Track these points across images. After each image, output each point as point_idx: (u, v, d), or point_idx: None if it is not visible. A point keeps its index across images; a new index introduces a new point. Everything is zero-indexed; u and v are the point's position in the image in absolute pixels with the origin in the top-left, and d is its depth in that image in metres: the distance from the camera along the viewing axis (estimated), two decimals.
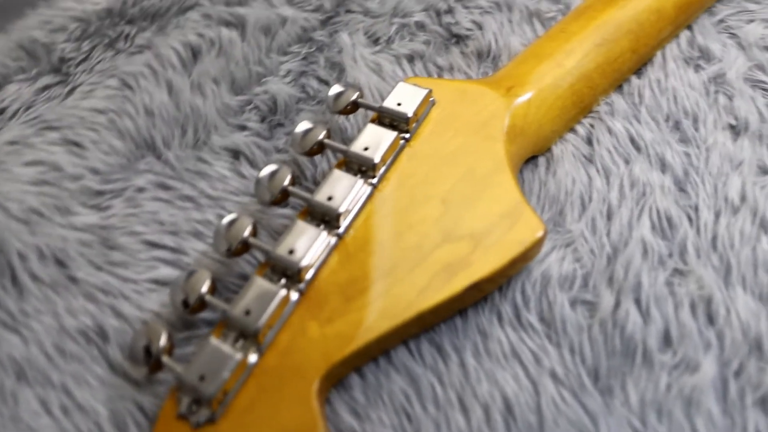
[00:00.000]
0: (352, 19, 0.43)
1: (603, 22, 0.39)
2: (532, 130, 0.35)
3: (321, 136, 0.34)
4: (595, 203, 0.35)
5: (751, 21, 0.42)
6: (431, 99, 0.35)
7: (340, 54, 0.41)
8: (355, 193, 0.32)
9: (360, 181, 0.32)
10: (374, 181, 0.33)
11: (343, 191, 0.32)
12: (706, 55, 0.41)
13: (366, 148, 0.33)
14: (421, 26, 0.42)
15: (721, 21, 0.43)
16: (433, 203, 0.32)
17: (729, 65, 0.40)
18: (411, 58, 0.41)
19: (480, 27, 0.42)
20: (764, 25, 0.42)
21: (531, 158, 0.37)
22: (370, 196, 0.32)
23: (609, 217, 0.34)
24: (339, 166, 0.34)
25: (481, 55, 0.41)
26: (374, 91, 0.40)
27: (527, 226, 0.31)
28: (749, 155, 0.36)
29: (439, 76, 0.40)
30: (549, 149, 0.37)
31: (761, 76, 0.40)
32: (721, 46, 0.41)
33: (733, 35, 0.42)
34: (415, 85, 0.35)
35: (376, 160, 0.32)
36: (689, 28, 0.42)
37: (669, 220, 0.34)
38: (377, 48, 0.42)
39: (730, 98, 0.39)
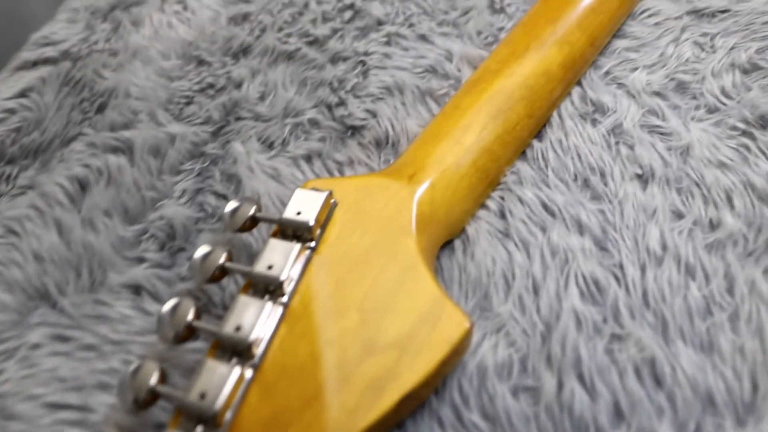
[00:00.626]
0: (244, 126, 0.42)
1: (495, 93, 0.39)
2: (441, 215, 0.34)
3: (221, 260, 0.32)
4: (519, 280, 0.33)
5: (635, 69, 0.43)
6: (332, 201, 0.34)
7: (235, 165, 0.40)
8: (266, 317, 0.29)
9: (269, 304, 0.30)
10: (284, 299, 0.30)
11: (252, 318, 0.29)
12: (600, 108, 0.41)
13: (270, 267, 0.31)
14: (314, 123, 0.41)
15: (607, 73, 0.43)
16: (350, 314, 0.30)
17: (623, 115, 0.40)
18: (309, 158, 0.40)
19: (374, 115, 0.41)
20: (647, 71, 0.43)
21: (446, 243, 0.35)
22: (282, 317, 0.30)
23: (536, 291, 0.33)
24: (245, 289, 0.31)
25: (380, 144, 0.40)
26: (275, 198, 0.38)
27: (451, 322, 0.29)
28: (661, 202, 0.36)
29: (340, 172, 0.39)
30: (463, 231, 0.35)
31: (655, 121, 0.40)
32: (612, 97, 0.41)
33: (621, 85, 0.42)
34: (313, 189, 0.34)
35: (282, 277, 0.30)
36: (579, 84, 0.43)
37: (596, 283, 0.33)
38: (273, 152, 0.40)
39: (632, 147, 0.38)
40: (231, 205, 0.34)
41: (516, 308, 0.32)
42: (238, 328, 0.29)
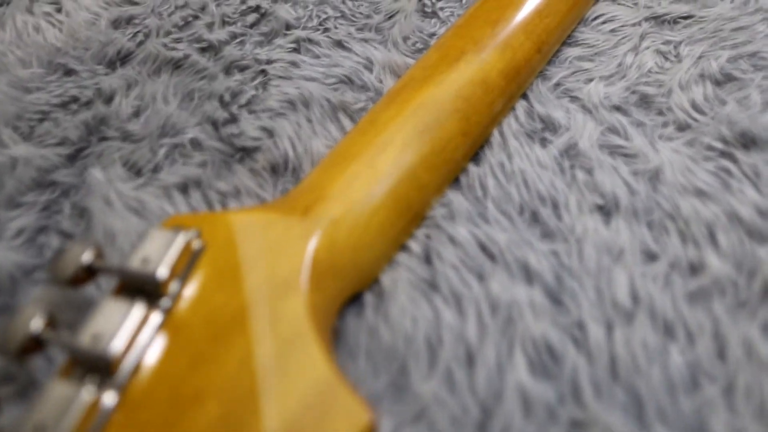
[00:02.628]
0: (108, 148, 0.33)
1: (421, 105, 0.31)
2: (345, 261, 0.26)
3: (34, 327, 0.23)
4: (448, 347, 0.25)
5: (590, 80, 0.36)
6: (198, 244, 0.25)
7: (89, 196, 0.31)
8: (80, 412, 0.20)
9: (88, 389, 0.21)
10: (116, 385, 0.21)
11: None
12: (550, 126, 0.34)
13: (96, 338, 0.22)
14: (196, 144, 0.33)
15: (558, 84, 0.36)
16: (208, 405, 0.21)
17: (578, 133, 0.33)
18: (184, 188, 0.31)
19: (271, 134, 0.33)
20: (605, 82, 0.36)
21: (354, 297, 0.27)
22: (113, 412, 0.21)
23: (470, 363, 0.24)
24: (64, 373, 0.22)
25: (276, 170, 0.32)
26: (135, 239, 0.29)
27: (345, 416, 0.20)
28: (629, 239, 0.28)
29: (223, 205, 0.30)
30: (376, 281, 0.27)
31: (617, 140, 0.33)
32: (565, 112, 0.34)
33: (574, 98, 0.35)
34: (176, 227, 0.25)
35: (112, 354, 0.21)
36: (524, 96, 0.35)
37: (550, 349, 0.25)
38: (140, 181, 0.31)
39: (590, 172, 0.31)
40: (59, 251, 0.25)
41: (443, 386, 0.24)
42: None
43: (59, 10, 0.42)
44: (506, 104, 0.34)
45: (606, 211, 0.30)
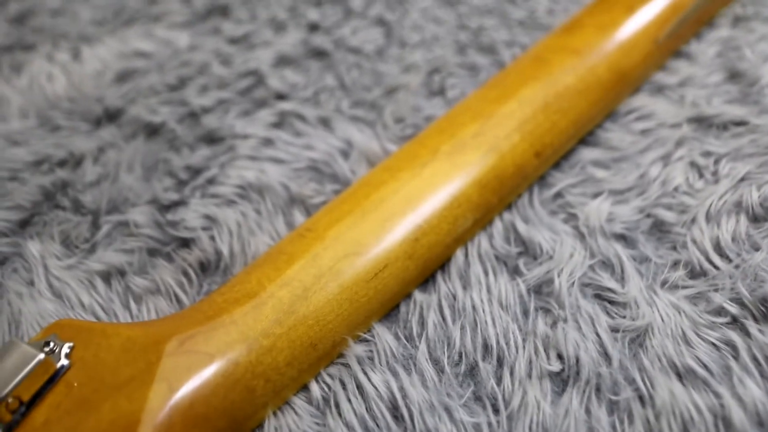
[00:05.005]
0: (55, 219, 0.32)
1: (365, 214, 0.27)
2: (222, 410, 0.22)
3: None
4: None
5: (598, 195, 0.30)
6: (60, 365, 0.22)
7: (14, 274, 0.29)
8: None
9: None
10: None
11: None
12: (530, 251, 0.28)
13: None
14: (137, 226, 0.30)
15: (558, 195, 0.31)
16: None
17: (560, 265, 0.27)
18: (107, 277, 0.29)
19: (212, 225, 0.30)
20: (615, 199, 0.30)
21: None
22: None
23: None
24: None
25: (206, 268, 0.29)
26: (40, 325, 0.27)
27: None
28: (579, 422, 0.22)
29: (137, 304, 0.28)
30: (260, 425, 0.23)
31: (607, 281, 0.27)
32: (552, 235, 0.28)
33: (571, 216, 0.30)
34: (44, 341, 0.23)
35: None
36: (509, 208, 0.30)
37: None
38: (71, 261, 0.30)
39: (555, 323, 0.25)
40: None
41: None
42: None
43: (76, 57, 0.42)
44: (480, 220, 0.29)
45: (561, 379, 0.24)
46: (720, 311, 0.25)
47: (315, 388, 0.24)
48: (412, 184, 0.28)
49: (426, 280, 0.28)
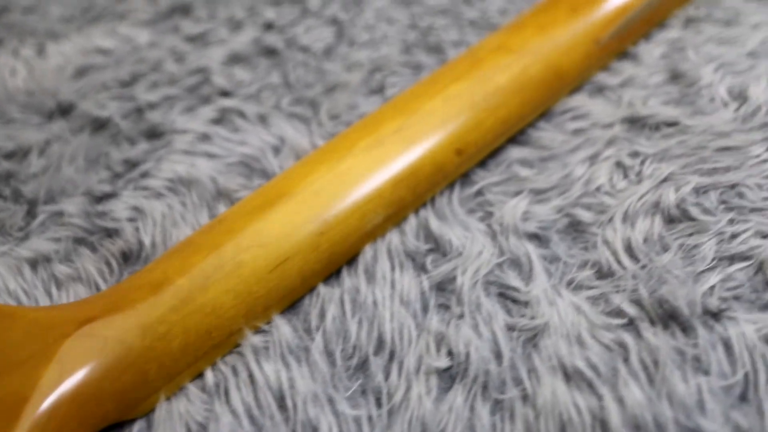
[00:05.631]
0: None
1: (278, 207, 0.27)
2: (112, 393, 0.23)
3: None
4: None
5: (518, 193, 0.30)
6: None
7: None
8: None
9: None
10: None
11: None
12: (440, 248, 0.28)
13: None
14: (70, 216, 0.31)
15: (479, 194, 0.31)
16: None
17: (467, 262, 0.27)
18: (34, 264, 0.30)
19: (138, 217, 0.31)
20: (533, 198, 0.30)
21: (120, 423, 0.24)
22: None
23: None
24: None
25: (128, 258, 0.29)
26: None
27: None
28: (455, 422, 0.22)
29: (59, 290, 0.29)
30: (152, 410, 0.24)
31: (513, 280, 0.27)
32: (465, 233, 0.28)
33: (487, 215, 0.29)
34: None
35: None
36: (429, 204, 0.30)
37: None
38: (3, 248, 0.31)
39: (449, 321, 0.25)
40: None
41: None
42: None
43: (40, 53, 0.44)
44: (392, 216, 0.29)
45: (450, 375, 0.24)
46: (617, 313, 0.25)
47: (209, 376, 0.25)
48: (325, 178, 0.28)
49: (332, 274, 0.28)
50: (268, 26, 0.42)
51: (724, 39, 0.36)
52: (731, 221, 0.27)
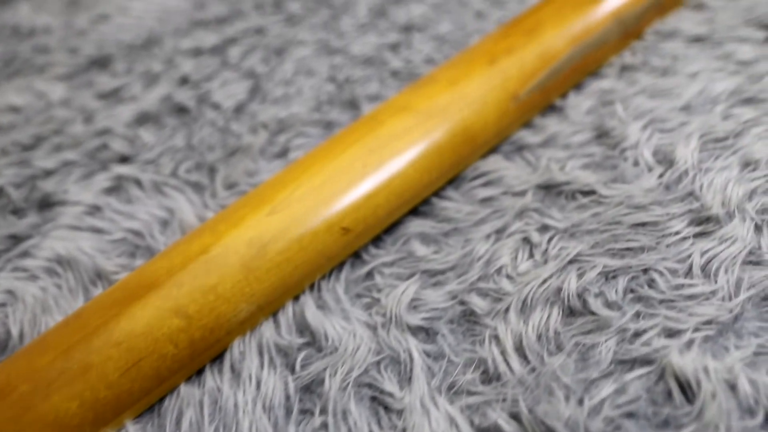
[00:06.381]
0: None
1: (140, 297, 0.25)
2: None
3: None
4: None
5: (411, 276, 0.27)
6: None
7: None
8: None
9: None
10: None
11: None
12: (316, 343, 0.25)
13: None
14: None
15: (368, 276, 0.28)
16: None
17: (339, 361, 0.24)
18: None
19: (9, 300, 0.28)
20: (427, 282, 0.27)
21: None
22: None
23: None
24: None
25: None
26: None
27: None
28: None
29: None
30: None
31: (386, 382, 0.24)
32: (345, 325, 0.26)
33: (373, 302, 0.27)
34: None
35: None
36: (312, 288, 0.27)
37: None
38: None
39: (313, 431, 0.22)
40: None
41: None
42: None
43: None
44: (264, 308, 0.26)
45: None
46: (493, 429, 0.22)
47: None
48: (190, 267, 0.26)
49: (197, 371, 0.25)
50: (183, 81, 0.40)
51: (658, 91, 0.32)
52: (636, 315, 0.23)
